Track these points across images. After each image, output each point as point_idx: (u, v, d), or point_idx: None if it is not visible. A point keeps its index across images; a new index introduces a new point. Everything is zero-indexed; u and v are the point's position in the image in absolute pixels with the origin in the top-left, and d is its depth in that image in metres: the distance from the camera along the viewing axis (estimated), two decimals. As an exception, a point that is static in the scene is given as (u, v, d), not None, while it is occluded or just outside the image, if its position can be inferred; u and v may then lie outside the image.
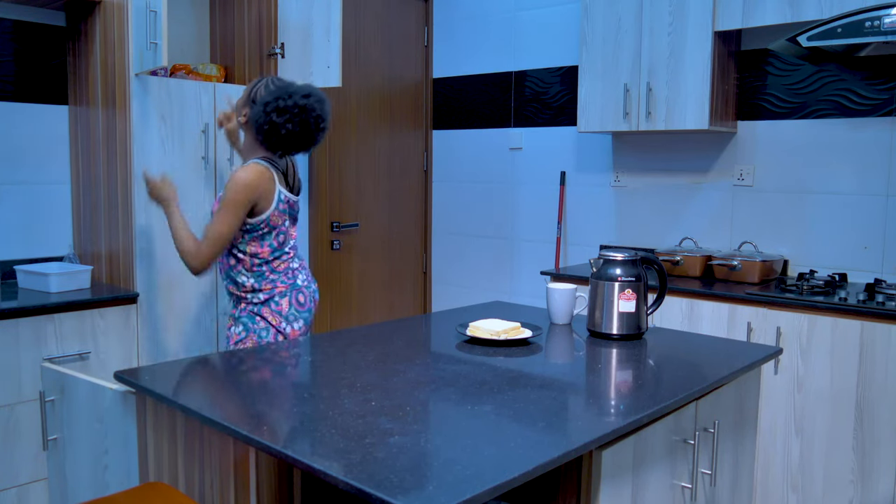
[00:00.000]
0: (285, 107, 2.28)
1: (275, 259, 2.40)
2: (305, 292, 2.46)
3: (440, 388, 1.61)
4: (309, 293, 2.49)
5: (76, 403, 1.82)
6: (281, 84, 2.36)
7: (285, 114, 2.28)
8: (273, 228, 2.36)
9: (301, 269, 2.49)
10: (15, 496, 2.52)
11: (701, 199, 3.51)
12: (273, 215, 2.34)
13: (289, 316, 2.41)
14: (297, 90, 2.32)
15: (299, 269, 2.48)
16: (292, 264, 2.45)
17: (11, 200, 2.97)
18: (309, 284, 2.50)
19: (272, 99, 2.29)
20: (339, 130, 3.99)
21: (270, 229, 2.35)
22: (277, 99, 2.28)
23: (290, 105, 2.28)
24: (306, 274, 2.51)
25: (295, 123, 2.30)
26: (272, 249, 2.38)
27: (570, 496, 1.50)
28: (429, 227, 4.57)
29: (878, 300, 2.64)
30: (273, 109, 2.28)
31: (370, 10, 4.10)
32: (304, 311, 2.46)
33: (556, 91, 3.96)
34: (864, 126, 3.06)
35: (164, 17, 2.61)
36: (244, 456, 1.42)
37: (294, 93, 2.30)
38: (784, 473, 2.81)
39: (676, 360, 1.90)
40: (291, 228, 2.45)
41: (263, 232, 2.35)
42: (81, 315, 2.64)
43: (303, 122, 2.31)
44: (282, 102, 2.28)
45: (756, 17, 2.98)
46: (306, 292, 2.47)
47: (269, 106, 2.28)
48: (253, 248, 2.36)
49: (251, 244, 2.35)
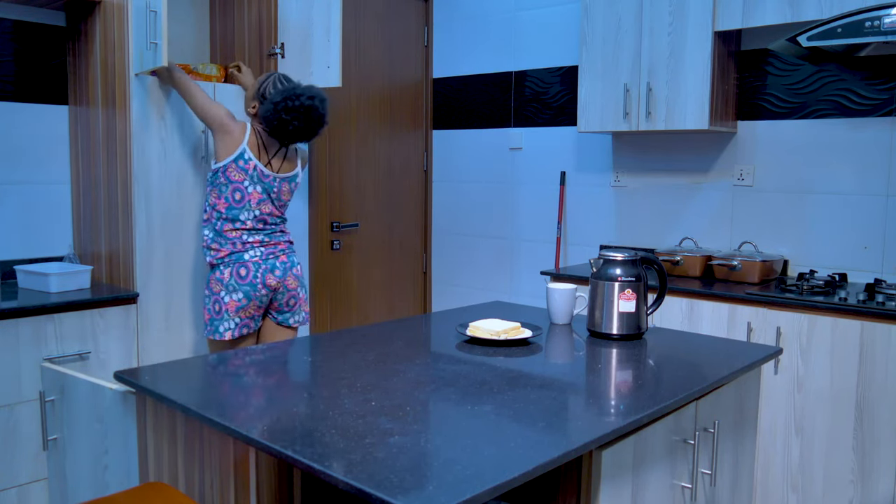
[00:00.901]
0: (293, 107, 2.61)
1: (229, 221, 2.63)
2: (250, 267, 2.63)
3: (440, 388, 1.61)
4: (257, 269, 2.64)
5: (76, 403, 1.82)
6: (288, 84, 2.71)
7: (293, 112, 2.61)
8: (230, 182, 2.63)
9: (261, 245, 2.66)
10: (15, 496, 2.52)
11: (701, 199, 3.51)
12: (230, 167, 2.63)
13: (228, 286, 2.62)
14: (304, 91, 2.64)
15: (254, 245, 2.65)
16: (247, 237, 2.65)
17: (11, 200, 2.97)
18: (264, 261, 2.65)
19: (281, 99, 2.61)
20: (339, 130, 3.99)
21: (227, 181, 2.63)
22: (286, 99, 2.60)
23: (298, 105, 2.61)
24: (266, 251, 2.67)
25: (301, 121, 2.63)
26: (228, 205, 2.64)
27: (570, 496, 1.50)
28: (429, 227, 4.57)
29: (878, 300, 2.64)
30: (282, 109, 2.61)
31: (370, 10, 4.10)
32: (245, 285, 2.62)
33: (556, 91, 3.96)
34: (864, 126, 3.06)
35: (164, 17, 2.61)
36: (244, 456, 1.42)
37: (301, 94, 2.63)
38: (784, 473, 2.82)
39: (676, 360, 1.90)
40: (255, 195, 2.66)
41: (221, 183, 2.64)
42: (81, 315, 2.64)
43: (307, 120, 2.65)
44: (290, 103, 2.60)
45: (756, 17, 2.98)
46: (251, 267, 2.63)
47: (278, 105, 2.61)
48: (213, 200, 2.66)
49: (212, 193, 2.67)
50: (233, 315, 2.60)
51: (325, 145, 3.92)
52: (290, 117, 2.61)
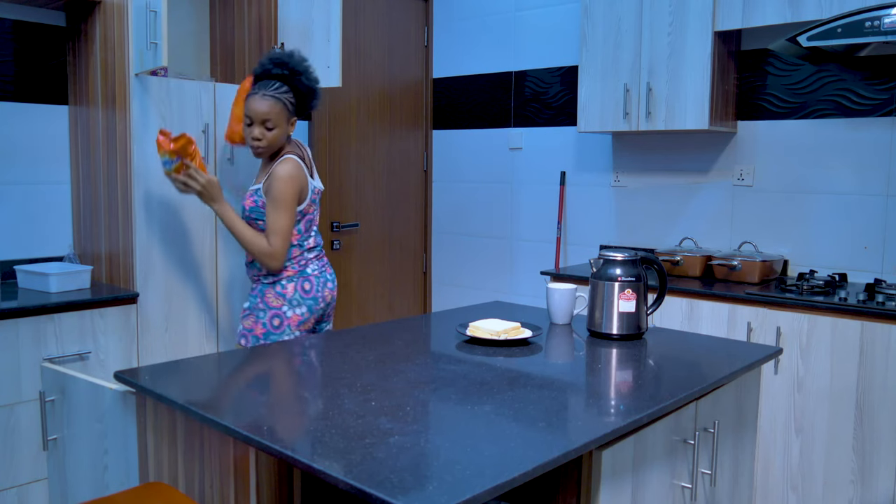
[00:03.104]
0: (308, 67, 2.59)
1: (295, 246, 2.57)
2: (313, 281, 2.58)
3: (440, 388, 1.61)
4: (318, 283, 2.59)
5: (76, 403, 1.82)
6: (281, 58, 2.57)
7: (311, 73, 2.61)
8: (304, 216, 2.57)
9: (317, 259, 2.63)
10: (15, 496, 2.52)
11: (701, 199, 3.51)
12: (307, 205, 2.56)
13: (292, 300, 2.54)
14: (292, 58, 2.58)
15: (313, 259, 2.61)
16: (308, 254, 2.60)
17: (11, 200, 2.97)
18: (321, 275, 2.61)
19: (303, 69, 2.56)
20: (339, 130, 3.99)
21: (303, 216, 2.56)
22: (307, 68, 2.57)
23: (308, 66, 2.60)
24: (321, 264, 2.63)
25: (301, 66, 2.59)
26: (299, 234, 2.57)
27: (570, 496, 1.50)
28: (429, 227, 4.57)
29: (878, 300, 2.64)
30: (311, 72, 2.59)
31: (370, 10, 4.10)
32: (309, 299, 2.57)
33: (556, 91, 3.96)
34: (864, 126, 3.06)
35: (164, 17, 2.61)
36: (244, 456, 1.42)
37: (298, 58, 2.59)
38: (784, 473, 2.82)
39: (676, 360, 1.90)
40: (317, 215, 2.66)
41: (297, 219, 2.56)
42: (81, 315, 2.64)
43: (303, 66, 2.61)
44: (307, 65, 2.59)
45: (756, 17, 2.98)
46: (314, 281, 2.58)
47: (309, 71, 2.58)
48: None
49: None
50: (294, 329, 2.54)
51: (326, 145, 3.92)
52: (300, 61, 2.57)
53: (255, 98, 2.51)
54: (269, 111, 2.49)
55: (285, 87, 2.54)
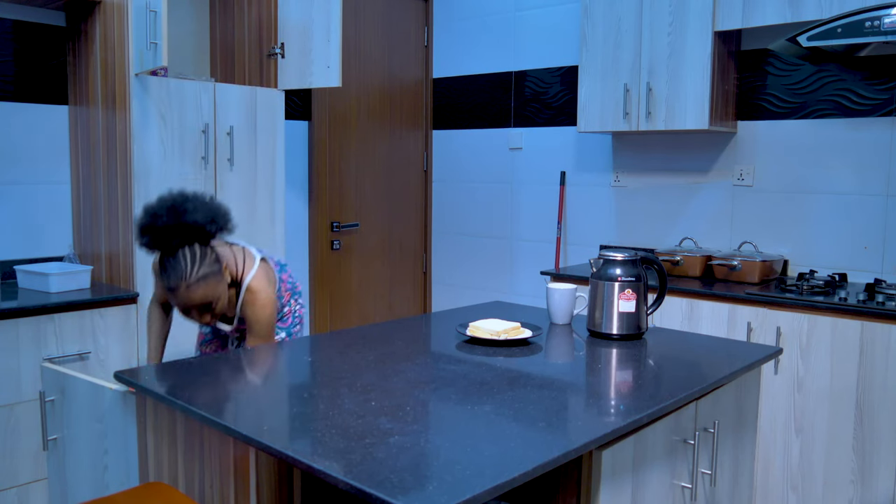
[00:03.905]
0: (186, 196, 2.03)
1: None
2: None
3: (440, 388, 1.61)
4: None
5: (76, 403, 1.82)
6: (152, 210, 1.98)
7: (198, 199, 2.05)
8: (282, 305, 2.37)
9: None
10: (15, 496, 2.52)
11: (701, 199, 3.51)
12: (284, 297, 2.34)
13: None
14: (162, 201, 2.00)
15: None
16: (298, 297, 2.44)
17: (11, 200, 2.97)
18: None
19: (182, 200, 1.99)
20: (338, 130, 3.99)
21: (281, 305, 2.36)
22: (186, 198, 2.01)
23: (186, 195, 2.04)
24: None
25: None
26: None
27: (570, 496, 1.50)
28: (429, 227, 4.57)
29: (878, 300, 2.64)
30: (197, 198, 2.04)
31: (370, 10, 4.10)
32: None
33: (556, 91, 3.96)
34: (864, 126, 3.06)
35: (164, 17, 2.61)
36: (244, 456, 1.42)
37: (166, 198, 2.02)
38: (784, 473, 2.82)
39: (676, 360, 1.90)
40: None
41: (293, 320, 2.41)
42: (81, 315, 2.64)
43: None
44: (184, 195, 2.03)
45: (756, 17, 2.98)
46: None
47: (189, 200, 2.01)
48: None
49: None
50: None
51: (326, 145, 3.92)
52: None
53: (179, 294, 1.94)
54: (204, 297, 1.97)
55: (193, 247, 1.96)
